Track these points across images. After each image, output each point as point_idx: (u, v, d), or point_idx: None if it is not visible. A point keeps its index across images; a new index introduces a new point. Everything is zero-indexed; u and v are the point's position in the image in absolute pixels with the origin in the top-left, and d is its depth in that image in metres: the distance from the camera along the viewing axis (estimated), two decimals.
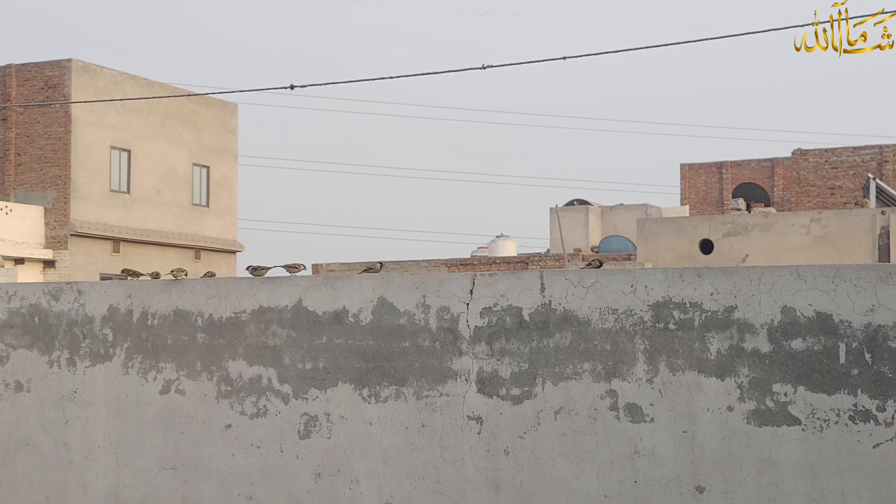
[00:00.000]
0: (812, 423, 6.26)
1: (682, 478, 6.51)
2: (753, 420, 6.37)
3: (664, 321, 6.61)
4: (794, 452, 6.28)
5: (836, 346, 6.24)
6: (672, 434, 6.54)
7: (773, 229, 24.32)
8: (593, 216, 39.24)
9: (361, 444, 7.25)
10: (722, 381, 6.46)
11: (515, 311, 6.96)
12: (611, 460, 6.66)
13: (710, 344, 6.50)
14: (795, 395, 6.30)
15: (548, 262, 30.27)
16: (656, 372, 6.60)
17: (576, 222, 38.47)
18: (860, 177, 33.36)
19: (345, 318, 7.36)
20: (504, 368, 6.94)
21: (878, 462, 6.11)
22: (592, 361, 6.75)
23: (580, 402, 6.76)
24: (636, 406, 6.63)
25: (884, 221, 23.26)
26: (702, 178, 40.94)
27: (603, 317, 6.75)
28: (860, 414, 6.16)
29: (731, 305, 6.47)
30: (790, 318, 6.34)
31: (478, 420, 6.98)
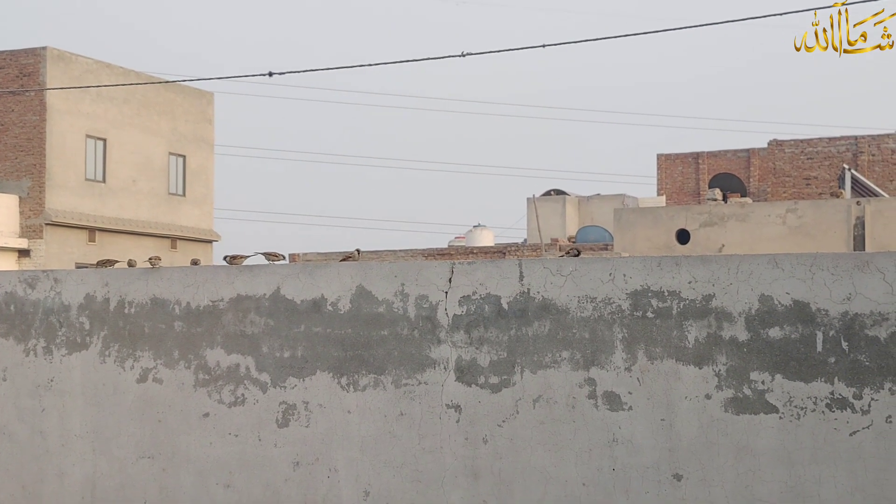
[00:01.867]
0: (789, 410, 6.29)
1: (659, 465, 6.53)
2: (731, 408, 6.40)
3: (642, 309, 6.63)
4: (772, 440, 6.31)
5: (813, 334, 6.27)
6: (650, 422, 6.56)
7: (749, 219, 24.40)
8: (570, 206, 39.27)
9: (340, 432, 7.24)
10: (700, 369, 6.48)
11: (494, 300, 6.96)
12: (589, 448, 6.68)
13: (688, 332, 6.52)
14: (773, 383, 6.33)
15: (525, 252, 30.30)
16: (634, 360, 6.62)
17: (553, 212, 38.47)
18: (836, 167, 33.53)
19: (323, 307, 7.34)
20: (483, 357, 6.94)
21: (855, 450, 6.14)
22: (571, 350, 6.76)
23: (558, 391, 6.77)
24: (614, 394, 6.65)
25: (859, 212, 23.37)
26: (678, 168, 41.05)
27: (581, 305, 6.76)
28: (837, 402, 6.19)
29: (709, 294, 6.49)
30: (768, 306, 6.36)
31: (456, 408, 6.98)
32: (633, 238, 25.51)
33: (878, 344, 6.12)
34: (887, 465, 6.07)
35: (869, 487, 6.10)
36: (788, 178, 35.21)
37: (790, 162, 35.28)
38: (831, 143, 35.23)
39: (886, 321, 6.11)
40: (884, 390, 6.09)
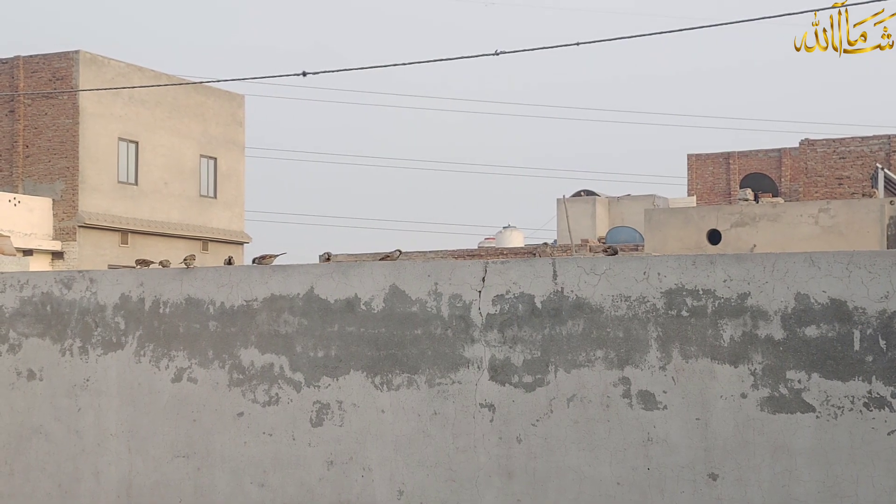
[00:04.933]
0: (826, 410, 6.24)
1: (695, 465, 6.50)
2: (767, 407, 6.36)
3: (677, 308, 6.60)
4: (809, 440, 6.26)
5: (850, 332, 6.22)
6: (685, 421, 6.53)
7: (780, 219, 24.25)
8: (600, 207, 39.17)
9: (373, 431, 7.25)
10: (735, 368, 6.44)
11: (528, 299, 6.94)
12: (623, 447, 6.65)
13: (723, 331, 6.49)
14: (809, 382, 6.29)
15: (555, 253, 30.26)
16: (669, 359, 6.59)
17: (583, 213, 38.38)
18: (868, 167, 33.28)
19: (356, 306, 7.35)
20: (516, 356, 6.93)
21: (893, 449, 6.09)
22: (605, 349, 6.74)
23: (593, 390, 6.75)
24: (649, 393, 6.62)
25: (892, 211, 23.17)
26: (709, 168, 40.87)
27: (615, 304, 6.74)
28: (875, 401, 6.15)
29: (745, 292, 6.46)
30: (804, 304, 6.32)
31: (490, 408, 6.97)
32: (663, 238, 25.41)
33: None
34: None
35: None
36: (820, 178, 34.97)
37: (822, 161, 35.04)
38: (864, 142, 34.96)
39: None
40: None
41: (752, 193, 29.54)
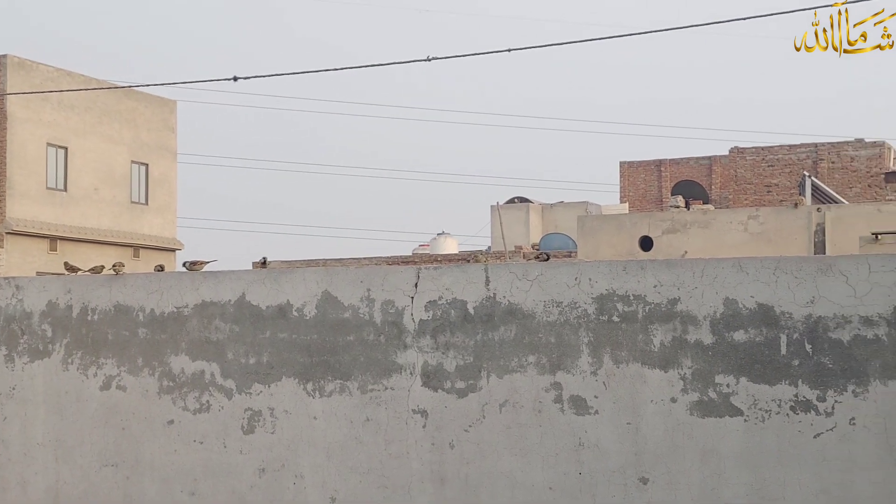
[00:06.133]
0: (754, 413, 6.32)
1: (626, 469, 6.54)
2: (696, 411, 6.43)
3: (608, 313, 6.65)
4: (737, 443, 6.34)
5: (777, 337, 6.31)
6: (616, 426, 6.58)
7: (711, 226, 24.54)
8: (534, 214, 39.34)
9: (306, 438, 7.21)
10: (665, 372, 6.50)
11: (460, 305, 6.95)
12: (555, 452, 6.68)
13: (653, 336, 6.54)
14: (738, 386, 6.36)
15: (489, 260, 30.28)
16: (600, 364, 6.64)
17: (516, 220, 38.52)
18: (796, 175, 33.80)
19: (289, 313, 7.31)
20: (449, 362, 6.94)
21: (819, 452, 6.18)
22: (537, 354, 6.76)
23: (525, 395, 6.77)
24: (580, 398, 6.66)
25: (819, 219, 23.55)
26: (641, 175, 41.24)
27: (547, 309, 6.77)
28: (801, 404, 6.24)
29: (675, 298, 6.52)
30: (732, 310, 6.40)
31: (423, 413, 6.97)
32: (596, 245, 25.59)
33: (842, 346, 6.17)
34: (851, 466, 6.11)
35: (833, 489, 6.14)
36: (750, 186, 35.45)
37: (751, 169, 35.53)
38: (792, 150, 35.50)
39: (849, 324, 6.16)
40: (847, 392, 6.14)
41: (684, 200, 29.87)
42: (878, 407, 6.07)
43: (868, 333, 6.12)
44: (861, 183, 34.28)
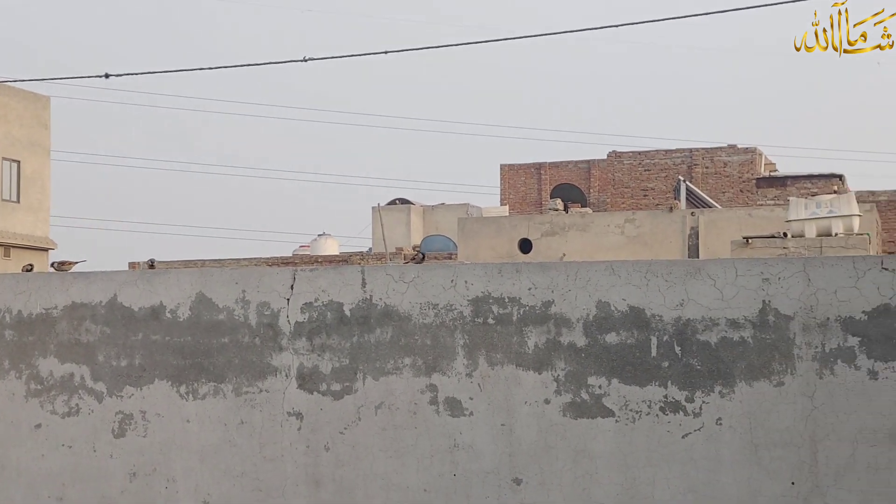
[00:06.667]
0: (625, 414, 6.43)
1: (500, 470, 6.60)
2: (569, 412, 6.52)
3: (483, 316, 6.69)
4: (608, 444, 6.44)
5: (648, 339, 6.43)
6: (490, 427, 6.63)
7: (589, 229, 24.95)
8: (415, 215, 39.46)
9: (178, 442, 7.11)
10: (539, 374, 6.57)
11: (336, 307, 6.93)
12: (430, 454, 6.71)
13: (528, 338, 6.61)
14: (609, 387, 6.47)
15: (370, 261, 30.28)
16: (476, 366, 6.68)
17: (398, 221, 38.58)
18: (671, 179, 34.52)
19: (162, 314, 7.20)
20: (325, 364, 6.91)
21: (687, 451, 6.32)
22: (413, 356, 6.78)
23: (401, 397, 6.78)
24: (456, 400, 6.69)
25: (693, 222, 24.12)
26: (521, 178, 41.68)
27: (424, 311, 6.79)
28: (670, 405, 6.37)
29: (549, 300, 6.60)
30: (605, 312, 6.50)
31: (298, 416, 6.93)
32: (476, 247, 25.78)
33: (709, 348, 6.32)
34: (717, 465, 6.26)
35: (700, 488, 6.28)
36: (627, 189, 36.09)
37: (629, 173, 36.17)
38: (667, 155, 36.25)
39: (717, 326, 6.30)
40: (714, 393, 6.29)
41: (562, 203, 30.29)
42: (744, 407, 6.23)
43: (734, 335, 6.28)
44: (734, 188, 35.19)
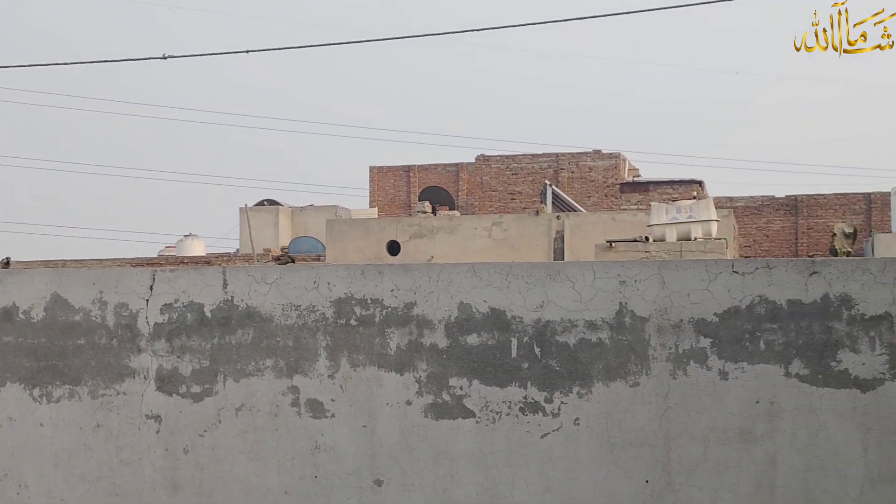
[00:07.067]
0: (485, 415, 6.49)
1: (361, 472, 6.60)
2: (431, 413, 6.55)
3: (346, 317, 6.69)
4: (469, 444, 6.50)
5: (508, 340, 6.50)
6: (352, 429, 6.63)
7: (457, 232, 25.11)
8: (283, 217, 39.18)
9: (31, 446, 6.93)
10: (401, 375, 6.60)
11: (197, 308, 6.84)
12: (291, 456, 6.67)
13: (390, 339, 6.63)
14: (470, 388, 6.52)
15: (237, 263, 29.96)
16: (338, 367, 6.67)
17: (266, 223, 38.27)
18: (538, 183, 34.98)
19: (15, 315, 7.01)
20: (184, 366, 6.82)
21: (546, 451, 6.42)
22: (275, 358, 6.74)
23: (262, 399, 6.73)
24: (317, 402, 6.67)
25: (559, 226, 24.48)
26: (390, 181, 41.74)
27: (286, 313, 6.75)
28: (530, 406, 6.45)
29: (411, 302, 6.63)
30: (466, 313, 6.56)
31: (156, 419, 6.82)
32: (344, 249, 25.72)
33: (568, 350, 6.42)
34: (575, 465, 6.37)
35: (558, 487, 6.38)
36: (495, 193, 36.44)
37: (496, 177, 36.52)
38: (534, 159, 36.72)
39: (575, 328, 6.41)
40: (572, 394, 6.39)
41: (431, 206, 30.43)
42: (601, 407, 6.35)
43: (592, 337, 6.39)
44: (598, 192, 35.82)
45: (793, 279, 6.17)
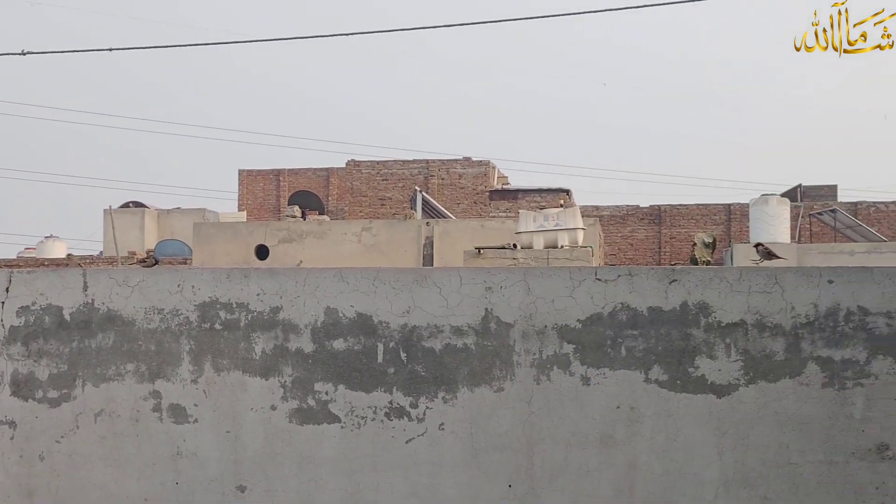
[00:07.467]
0: (351, 420, 6.48)
1: (224, 478, 6.52)
2: (296, 418, 6.51)
3: (210, 321, 6.60)
4: (333, 450, 6.47)
5: (375, 345, 6.50)
6: (216, 434, 6.54)
7: (326, 237, 25.00)
8: (149, 219, 38.44)
9: None
10: (266, 380, 6.54)
11: (55, 311, 6.67)
12: (152, 462, 6.55)
13: (255, 344, 6.56)
14: (336, 393, 6.50)
15: (100, 265, 29.30)
16: (201, 372, 6.58)
17: (131, 225, 37.50)
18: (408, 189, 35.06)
19: None
20: (41, 370, 6.64)
21: (411, 456, 6.43)
22: (136, 362, 6.61)
23: (122, 404, 6.60)
24: (180, 407, 6.57)
25: (428, 232, 24.57)
26: (260, 184, 41.33)
27: (148, 316, 6.63)
28: (395, 411, 6.46)
29: (277, 306, 6.57)
30: (333, 318, 6.53)
31: (11, 424, 6.62)
32: (212, 253, 25.38)
33: (434, 355, 6.45)
34: (439, 470, 6.40)
35: (422, 492, 6.40)
36: (365, 198, 36.39)
37: (367, 182, 36.49)
38: (405, 165, 36.80)
39: (441, 333, 6.44)
40: (437, 399, 6.42)
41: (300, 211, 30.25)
42: (465, 412, 6.40)
43: (458, 342, 6.43)
44: (468, 199, 36.08)
45: (653, 287, 6.30)
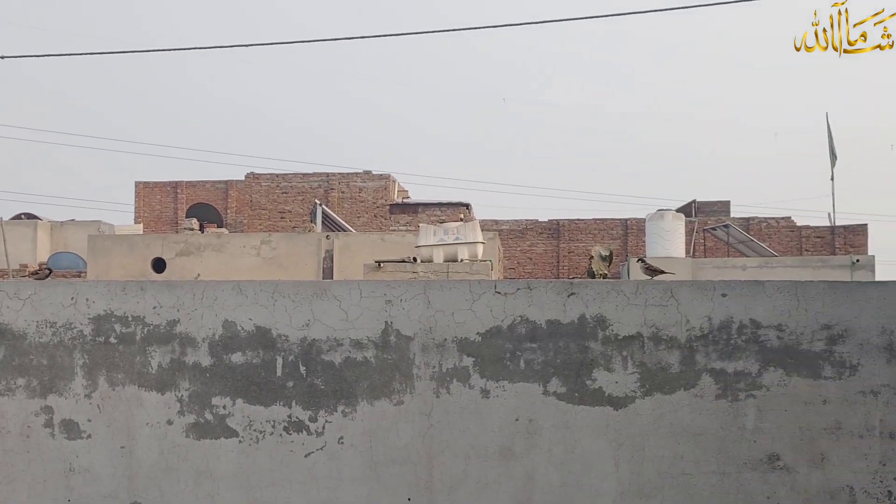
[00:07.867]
0: (249, 434, 6.42)
1: (118, 494, 6.40)
2: (192, 433, 6.42)
3: (105, 335, 6.49)
4: (231, 464, 6.40)
5: (274, 359, 6.45)
6: (109, 450, 6.43)
7: (225, 250, 24.75)
8: (42, 231, 37.61)
9: None
10: (162, 395, 6.44)
11: None
12: (43, 479, 6.41)
13: (151, 358, 6.47)
14: (234, 407, 6.43)
15: None
16: (95, 387, 6.46)
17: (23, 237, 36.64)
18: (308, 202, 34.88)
19: None
20: None
21: (309, 470, 6.39)
22: (27, 377, 6.47)
23: (12, 420, 6.44)
24: (73, 422, 6.44)
25: (329, 245, 24.48)
26: (157, 196, 40.74)
27: (40, 330, 6.50)
28: (294, 425, 6.41)
29: (174, 319, 6.49)
30: (231, 332, 6.47)
31: None
32: (107, 266, 24.94)
33: (334, 368, 6.42)
34: (338, 484, 6.37)
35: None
36: (264, 211, 36.11)
37: (266, 195, 36.22)
38: (305, 178, 36.61)
39: (341, 346, 6.42)
40: (337, 412, 6.40)
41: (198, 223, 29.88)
42: (365, 426, 6.38)
43: (358, 356, 6.42)
44: (368, 213, 36.03)
45: (552, 300, 6.36)
